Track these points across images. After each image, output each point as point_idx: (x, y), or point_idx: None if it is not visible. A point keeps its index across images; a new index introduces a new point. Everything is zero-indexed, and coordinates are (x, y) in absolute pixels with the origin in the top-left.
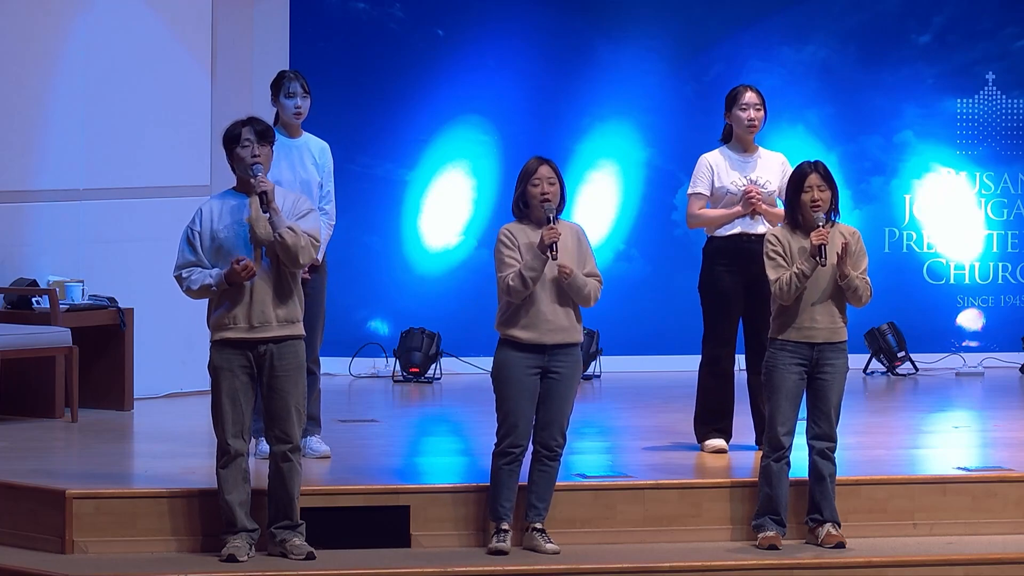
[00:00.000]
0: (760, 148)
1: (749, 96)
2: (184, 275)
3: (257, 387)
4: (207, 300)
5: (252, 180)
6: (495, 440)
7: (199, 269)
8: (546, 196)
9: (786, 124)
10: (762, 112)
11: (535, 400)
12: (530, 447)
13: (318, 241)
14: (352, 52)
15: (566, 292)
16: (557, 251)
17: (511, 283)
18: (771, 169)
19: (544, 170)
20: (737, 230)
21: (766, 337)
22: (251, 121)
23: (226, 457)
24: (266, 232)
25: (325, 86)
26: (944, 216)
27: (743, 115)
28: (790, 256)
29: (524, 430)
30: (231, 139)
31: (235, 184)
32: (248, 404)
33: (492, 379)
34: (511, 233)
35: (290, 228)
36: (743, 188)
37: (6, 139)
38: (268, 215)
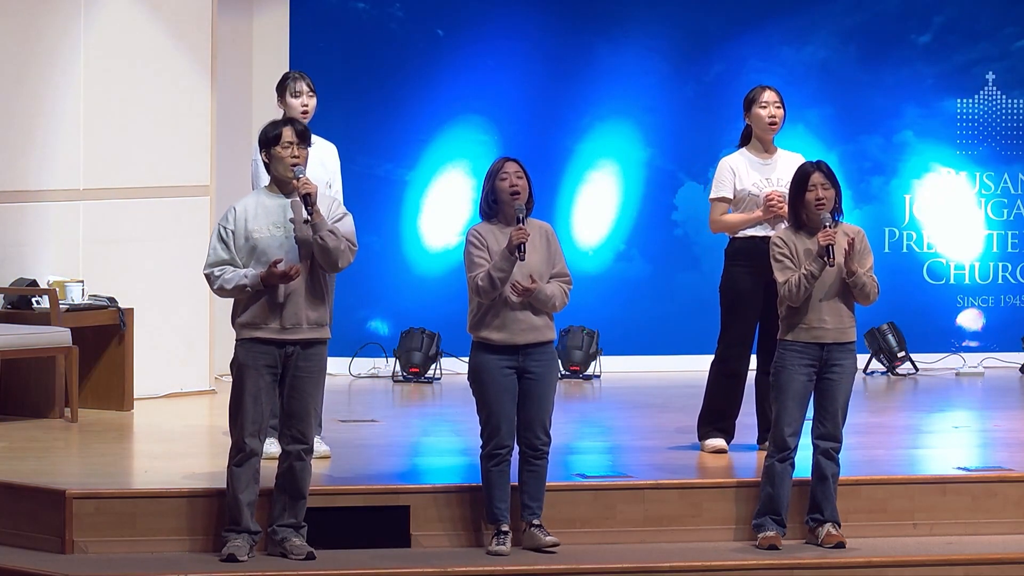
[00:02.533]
0: (780, 149)
1: (768, 95)
2: (216, 273)
3: (278, 387)
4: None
5: (295, 181)
6: (480, 444)
7: (231, 268)
8: (515, 188)
9: (786, 124)
10: (782, 110)
11: (515, 400)
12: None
13: (355, 245)
14: (352, 52)
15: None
16: (525, 252)
17: (480, 283)
18: (792, 169)
19: (511, 166)
20: (756, 232)
21: None
22: (291, 122)
23: (241, 455)
24: (306, 234)
25: (325, 86)
26: (944, 216)
27: (763, 112)
28: (796, 257)
29: (508, 431)
30: (271, 139)
31: (267, 184)
32: (268, 404)
33: (470, 383)
34: (480, 234)
35: (331, 231)
36: (764, 192)
37: (6, 139)
38: (310, 217)
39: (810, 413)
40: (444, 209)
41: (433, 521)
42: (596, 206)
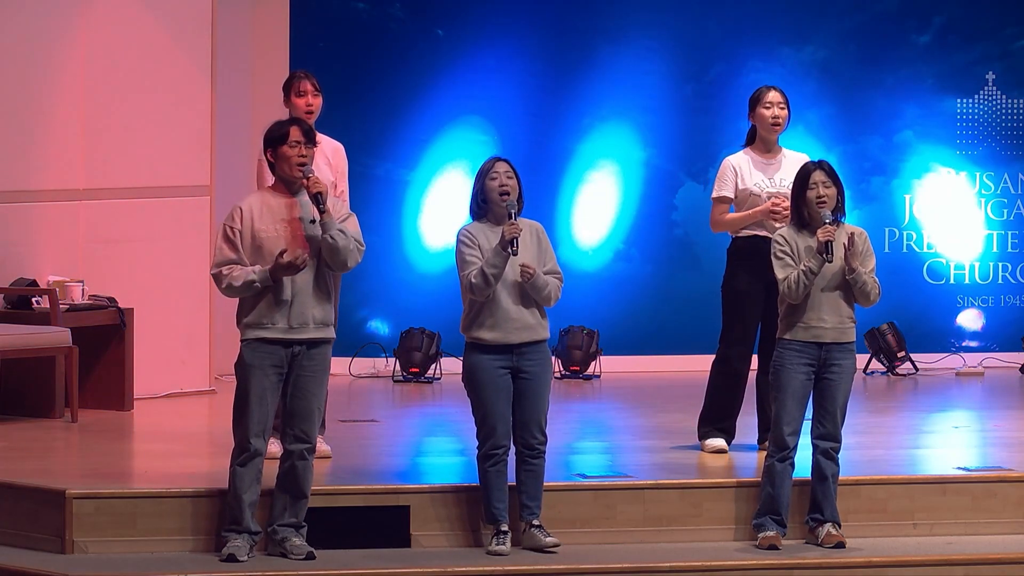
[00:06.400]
0: (784, 149)
1: (773, 95)
2: (224, 272)
3: (282, 387)
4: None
5: (304, 181)
6: (476, 444)
7: (239, 267)
8: (505, 188)
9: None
10: (786, 111)
11: (510, 399)
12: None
13: (363, 245)
14: (352, 52)
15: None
16: (518, 247)
17: (473, 280)
18: (795, 170)
19: (501, 165)
20: (759, 231)
21: None
22: (297, 121)
23: (245, 455)
24: (314, 233)
25: (325, 86)
26: (944, 216)
27: (767, 113)
28: (797, 255)
29: (504, 430)
30: (278, 138)
31: (271, 183)
32: (274, 404)
33: (464, 383)
34: (470, 233)
35: (340, 230)
36: (767, 191)
37: (6, 139)
38: (321, 216)
39: (809, 413)
40: (444, 209)
41: (433, 521)
42: (596, 206)
